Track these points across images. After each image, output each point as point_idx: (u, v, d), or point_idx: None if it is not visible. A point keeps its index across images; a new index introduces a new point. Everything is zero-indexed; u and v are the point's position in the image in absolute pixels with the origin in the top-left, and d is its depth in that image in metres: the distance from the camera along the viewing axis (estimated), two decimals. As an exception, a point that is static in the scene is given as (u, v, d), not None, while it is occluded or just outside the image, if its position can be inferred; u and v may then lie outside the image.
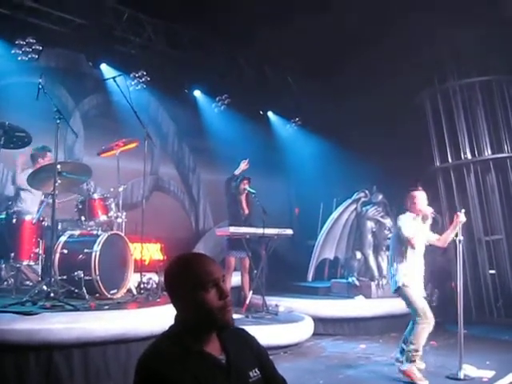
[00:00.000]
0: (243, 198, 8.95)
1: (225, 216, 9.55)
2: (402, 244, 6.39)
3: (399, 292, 6.38)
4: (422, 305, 6.21)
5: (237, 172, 8.96)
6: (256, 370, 2.28)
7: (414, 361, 6.11)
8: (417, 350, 6.12)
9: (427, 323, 6.15)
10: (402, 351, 6.42)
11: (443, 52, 11.04)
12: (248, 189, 8.76)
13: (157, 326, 5.31)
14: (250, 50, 11.66)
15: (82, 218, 7.01)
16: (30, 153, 7.50)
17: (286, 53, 11.41)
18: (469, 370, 6.07)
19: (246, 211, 8.95)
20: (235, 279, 9.08)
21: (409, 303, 6.32)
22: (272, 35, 10.27)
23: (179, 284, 2.21)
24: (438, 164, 11.71)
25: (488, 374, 6.13)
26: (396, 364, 6.45)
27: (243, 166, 8.98)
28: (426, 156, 11.71)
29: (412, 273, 6.33)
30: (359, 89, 11.23)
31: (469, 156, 11.26)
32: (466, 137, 11.28)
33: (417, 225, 6.40)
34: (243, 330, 2.46)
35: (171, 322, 2.28)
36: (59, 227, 6.89)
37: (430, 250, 6.87)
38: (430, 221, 6.47)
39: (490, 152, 11.12)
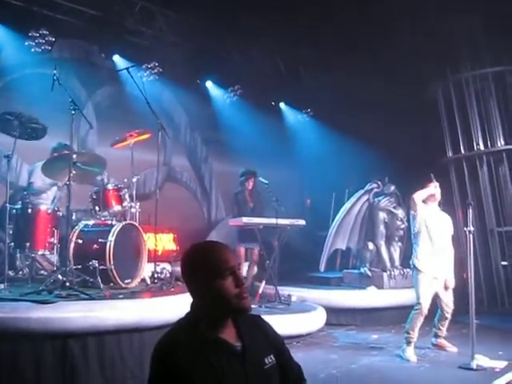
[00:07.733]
0: (247, 193, 9.16)
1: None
2: (414, 228, 6.92)
3: (412, 271, 6.93)
4: (424, 295, 6.64)
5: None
6: (271, 356, 2.30)
7: (410, 342, 6.64)
8: (408, 333, 6.66)
9: (420, 313, 6.62)
10: (435, 335, 7.07)
11: (456, 42, 10.97)
12: (261, 180, 8.82)
13: (170, 315, 5.35)
14: (262, 40, 11.63)
15: (96, 208, 7.02)
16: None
17: (299, 43, 11.39)
18: (481, 360, 6.10)
19: (251, 204, 9.08)
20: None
21: (415, 287, 6.79)
22: (284, 26, 10.27)
23: (197, 272, 2.23)
24: (450, 155, 11.67)
25: (501, 364, 6.15)
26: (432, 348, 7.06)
27: None
28: (439, 147, 11.66)
29: (426, 259, 6.73)
30: (372, 80, 11.19)
31: (481, 147, 11.22)
32: (478, 128, 11.23)
33: (431, 212, 6.84)
34: (259, 317, 2.47)
35: (185, 311, 2.30)
36: (73, 217, 6.92)
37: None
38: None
39: (502, 143, 11.08)
